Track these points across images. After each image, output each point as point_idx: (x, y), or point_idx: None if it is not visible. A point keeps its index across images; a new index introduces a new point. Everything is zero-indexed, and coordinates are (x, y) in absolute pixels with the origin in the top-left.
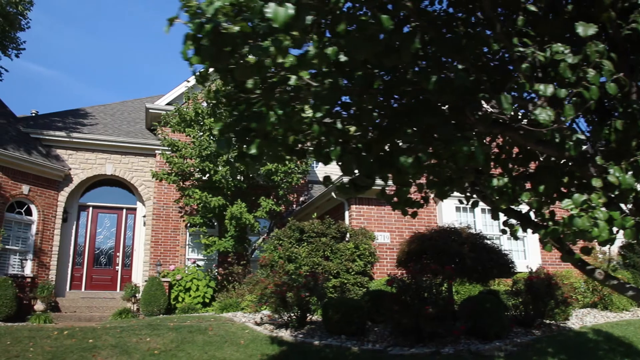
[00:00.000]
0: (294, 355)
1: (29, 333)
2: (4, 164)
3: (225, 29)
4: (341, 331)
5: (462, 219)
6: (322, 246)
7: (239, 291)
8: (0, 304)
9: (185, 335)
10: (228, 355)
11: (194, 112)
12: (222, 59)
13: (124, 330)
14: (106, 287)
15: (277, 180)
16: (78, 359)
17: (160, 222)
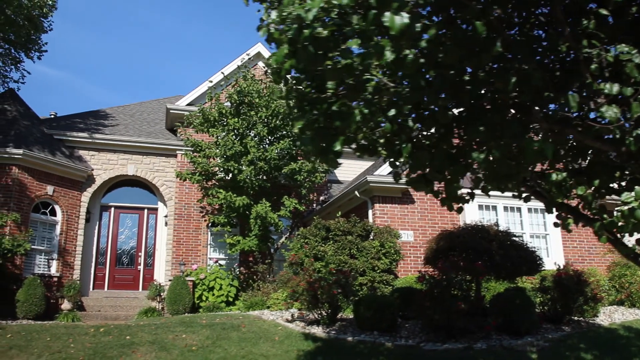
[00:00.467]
0: (329, 351)
1: (66, 330)
2: (30, 165)
3: (318, 33)
4: (373, 327)
5: (484, 217)
6: (348, 244)
7: (264, 290)
8: (30, 303)
9: (219, 332)
10: (264, 351)
11: (217, 112)
12: (317, 62)
13: (158, 328)
14: (128, 286)
15: (300, 179)
16: (118, 354)
17: (182, 222)
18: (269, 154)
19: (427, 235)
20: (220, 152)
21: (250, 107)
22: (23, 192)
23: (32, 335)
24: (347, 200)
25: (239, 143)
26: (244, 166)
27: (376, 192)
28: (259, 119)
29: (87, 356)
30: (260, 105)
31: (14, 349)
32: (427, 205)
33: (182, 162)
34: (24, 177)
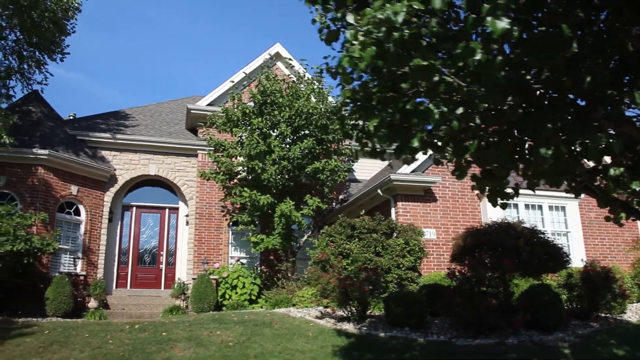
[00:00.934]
0: (363, 346)
1: (101, 327)
2: (55, 166)
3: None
4: (403, 324)
5: (506, 215)
6: (374, 242)
7: (289, 287)
8: (59, 301)
9: (252, 328)
10: (300, 347)
11: (241, 112)
12: (402, 63)
13: (192, 324)
14: (150, 285)
15: (323, 178)
16: (157, 350)
17: (203, 221)
18: (293, 153)
19: (450, 233)
20: (245, 151)
21: (274, 107)
22: (49, 192)
23: (69, 331)
24: (369, 198)
25: (262, 142)
26: (268, 165)
27: (399, 190)
28: (282, 118)
29: (127, 352)
30: (283, 105)
31: (55, 344)
32: (449, 203)
33: (203, 161)
34: (50, 177)
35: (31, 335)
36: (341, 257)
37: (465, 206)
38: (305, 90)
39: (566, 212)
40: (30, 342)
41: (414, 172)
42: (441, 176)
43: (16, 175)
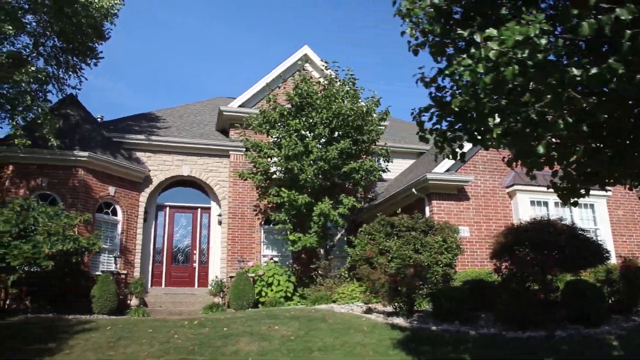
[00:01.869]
0: (418, 338)
1: (160, 323)
2: (94, 167)
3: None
4: (452, 318)
5: (535, 212)
6: (412, 240)
7: (327, 285)
8: (105, 299)
9: (306, 323)
10: (358, 340)
11: (278, 113)
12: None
13: (247, 320)
14: (184, 283)
15: (357, 177)
16: (224, 344)
17: (236, 221)
18: (330, 153)
19: (482, 231)
20: (284, 152)
21: (312, 109)
22: (88, 193)
23: (129, 327)
24: (402, 197)
25: (300, 143)
26: (305, 166)
27: (433, 189)
28: (320, 120)
29: (195, 346)
30: (320, 107)
31: (122, 339)
32: (481, 202)
33: (235, 162)
34: (89, 178)
35: (94, 330)
36: (381, 255)
37: (497, 204)
38: (339, 92)
39: (594, 210)
40: (97, 337)
41: (448, 172)
42: (473, 175)
43: (57, 177)
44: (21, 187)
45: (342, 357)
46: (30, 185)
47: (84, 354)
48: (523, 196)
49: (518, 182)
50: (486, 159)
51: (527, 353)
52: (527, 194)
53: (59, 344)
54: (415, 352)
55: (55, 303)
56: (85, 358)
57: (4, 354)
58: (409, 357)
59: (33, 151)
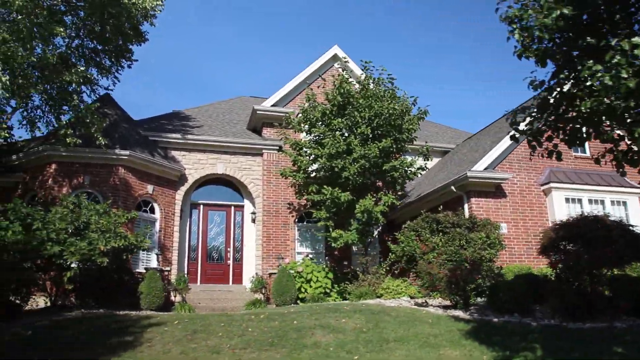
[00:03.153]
0: (485, 329)
1: (227, 318)
2: (134, 166)
3: None
4: (511, 310)
5: (570, 209)
6: (458, 236)
7: (369, 280)
8: (153, 295)
9: (370, 316)
10: (428, 331)
11: (320, 112)
12: None
13: (312, 314)
14: (218, 280)
15: (396, 175)
16: (301, 336)
17: (270, 218)
18: (372, 151)
19: (519, 228)
20: (326, 150)
21: (354, 108)
22: (128, 191)
23: (197, 322)
24: (439, 195)
25: (343, 142)
26: (347, 164)
27: (472, 187)
28: (362, 119)
29: (274, 338)
30: (363, 106)
31: (198, 333)
32: (517, 199)
33: (268, 160)
34: (129, 176)
35: (161, 325)
36: (442, 250)
37: (533, 202)
38: (381, 91)
39: (627, 207)
40: (170, 331)
41: (486, 170)
42: (511, 173)
43: (99, 175)
44: (64, 185)
45: (419, 347)
46: (72, 183)
47: (166, 346)
48: (558, 193)
49: (553, 179)
50: (521, 157)
51: (594, 343)
52: (562, 191)
53: (136, 337)
54: (487, 342)
55: (99, 299)
56: (169, 350)
57: (90, 346)
58: (482, 346)
59: (75, 149)
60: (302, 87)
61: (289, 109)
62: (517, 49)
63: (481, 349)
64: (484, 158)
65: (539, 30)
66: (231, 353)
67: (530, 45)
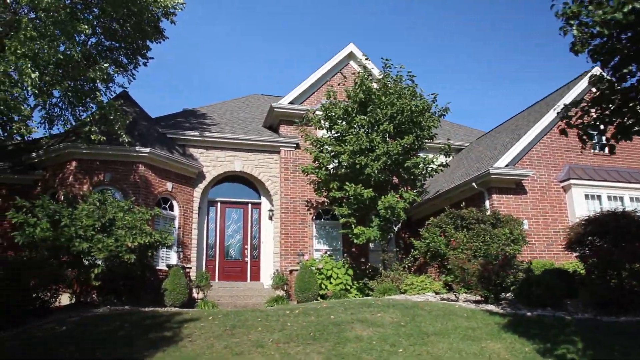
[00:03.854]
0: (521, 322)
1: (261, 314)
2: (154, 163)
3: None
4: (543, 304)
5: (589, 206)
6: (482, 232)
7: (391, 276)
8: (177, 292)
9: (405, 310)
10: (466, 325)
11: (342, 110)
12: None
13: (346, 309)
14: (236, 277)
15: (417, 172)
16: (340, 330)
17: (288, 215)
18: (394, 148)
19: (540, 224)
20: (350, 147)
21: (376, 105)
22: (148, 188)
23: (238, 318)
24: (459, 192)
25: (366, 139)
26: (369, 161)
27: (493, 183)
28: (384, 116)
29: (314, 332)
30: (385, 103)
31: (237, 327)
32: (537, 195)
33: (285, 158)
34: (149, 174)
35: (195, 321)
36: (472, 245)
37: (552, 198)
38: (403, 89)
39: None
40: (207, 326)
41: (507, 166)
42: (531, 169)
43: (119, 172)
44: (84, 182)
45: (459, 340)
46: (93, 180)
47: (208, 341)
48: (578, 190)
49: (573, 176)
50: (541, 154)
51: (633, 336)
52: (582, 187)
53: (174, 333)
54: (526, 334)
55: (121, 296)
56: (212, 344)
57: (132, 341)
58: (521, 339)
59: (95, 147)
60: (318, 85)
61: (305, 107)
62: (575, 44)
63: (521, 342)
64: (505, 155)
65: (599, 25)
66: (275, 347)
67: (588, 41)
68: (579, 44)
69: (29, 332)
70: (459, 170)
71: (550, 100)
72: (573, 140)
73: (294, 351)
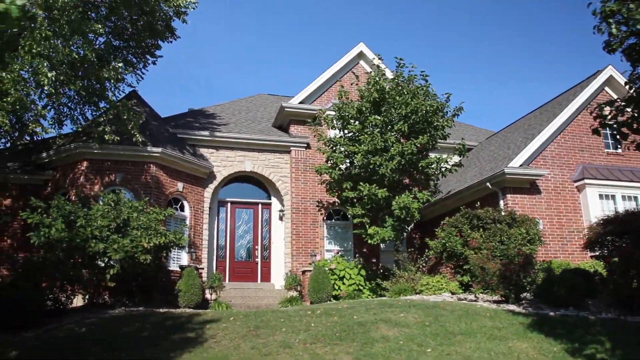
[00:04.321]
0: (545, 322)
1: (282, 314)
2: (165, 163)
3: None
4: (565, 304)
5: (603, 205)
6: (498, 231)
7: (405, 276)
8: (191, 293)
9: (427, 311)
10: (491, 324)
11: (356, 109)
12: None
13: (367, 309)
14: (247, 278)
15: (430, 172)
16: (366, 330)
17: (299, 216)
18: (409, 148)
19: (554, 224)
20: (364, 147)
21: (390, 105)
22: (159, 188)
23: (259, 318)
24: (473, 191)
25: (380, 138)
26: (383, 161)
27: (508, 183)
28: (398, 116)
29: (340, 332)
30: (399, 103)
31: (261, 328)
32: (551, 195)
33: (296, 158)
34: (160, 174)
35: (216, 322)
36: (492, 246)
37: (567, 198)
38: (414, 88)
39: None
40: (231, 327)
41: (522, 166)
42: (545, 169)
43: (130, 172)
44: (95, 182)
45: (486, 339)
46: (103, 180)
47: (234, 342)
48: (592, 190)
49: (587, 176)
50: (554, 153)
51: None
52: (596, 187)
53: (197, 334)
54: (552, 334)
55: (134, 297)
56: (239, 345)
57: (156, 342)
58: (548, 339)
59: (107, 146)
60: (327, 85)
61: (316, 107)
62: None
63: (548, 342)
64: (520, 154)
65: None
66: (302, 347)
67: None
68: (616, 43)
69: (50, 333)
70: (471, 170)
71: (561, 100)
72: (586, 139)
73: (322, 351)
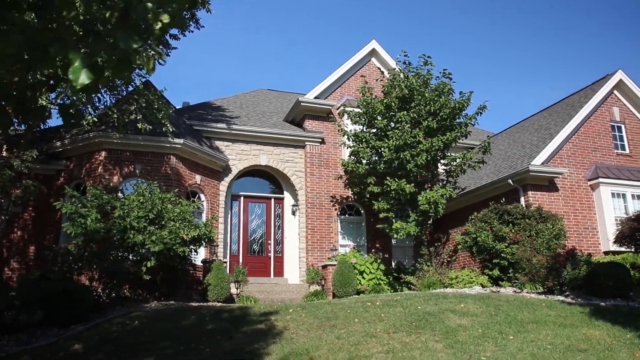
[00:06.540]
0: (602, 312)
1: (338, 307)
2: (185, 155)
3: None
4: (612, 295)
5: (615, 204)
6: (528, 226)
7: (432, 271)
8: (221, 287)
9: (483, 301)
10: (553, 314)
11: (384, 105)
12: None
13: (425, 300)
14: (260, 273)
15: (453, 168)
16: (440, 320)
17: (314, 211)
18: (436, 145)
19: (571, 220)
20: (393, 142)
21: (418, 101)
22: (179, 180)
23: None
24: (493, 188)
25: (409, 134)
26: (411, 156)
27: (529, 180)
28: (427, 112)
29: (415, 322)
30: (428, 100)
31: (331, 320)
32: (568, 193)
33: (311, 152)
34: (180, 166)
35: (276, 314)
36: (533, 238)
37: (581, 195)
38: (441, 86)
39: None
40: (299, 318)
41: (543, 164)
42: (562, 167)
43: (150, 163)
44: (114, 173)
45: (559, 327)
46: (123, 171)
47: (312, 332)
48: (605, 188)
49: (601, 175)
50: (570, 152)
51: None
52: (609, 186)
53: (266, 325)
54: (616, 322)
55: (161, 290)
56: (320, 335)
57: (230, 334)
58: (615, 326)
59: (127, 136)
60: (341, 81)
61: (330, 102)
62: None
63: (617, 329)
64: (541, 153)
65: None
66: (388, 337)
67: None
68: None
69: (102, 327)
70: (485, 168)
71: (571, 102)
72: (599, 140)
73: (409, 339)
